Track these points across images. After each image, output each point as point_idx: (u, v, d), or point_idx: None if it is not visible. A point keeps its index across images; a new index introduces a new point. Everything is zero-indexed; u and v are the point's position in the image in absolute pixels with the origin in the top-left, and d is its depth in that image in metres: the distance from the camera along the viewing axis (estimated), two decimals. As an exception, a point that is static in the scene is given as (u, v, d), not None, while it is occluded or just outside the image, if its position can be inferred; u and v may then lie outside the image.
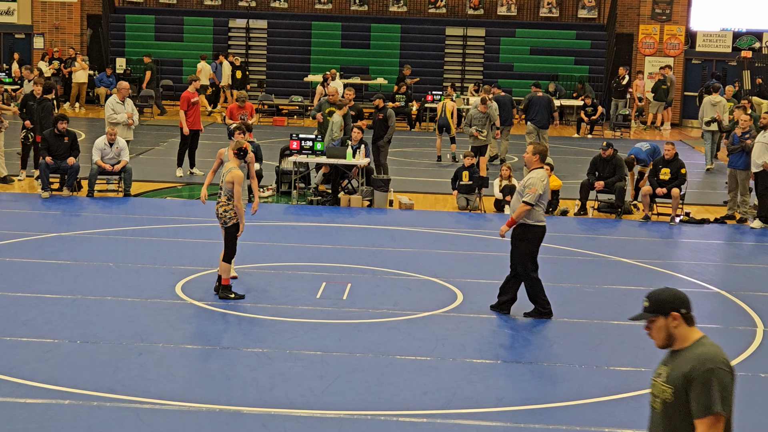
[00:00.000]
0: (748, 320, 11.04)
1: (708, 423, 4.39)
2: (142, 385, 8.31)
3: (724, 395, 4.41)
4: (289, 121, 29.26)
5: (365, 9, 34.15)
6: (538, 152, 10.60)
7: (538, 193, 10.37)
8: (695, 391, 4.42)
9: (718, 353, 4.50)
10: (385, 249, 13.84)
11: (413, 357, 9.29)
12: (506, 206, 16.93)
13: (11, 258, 12.52)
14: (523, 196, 10.40)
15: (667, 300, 4.61)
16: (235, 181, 10.84)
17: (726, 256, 14.84)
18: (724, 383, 4.42)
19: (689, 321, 4.61)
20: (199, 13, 34.03)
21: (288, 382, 8.49)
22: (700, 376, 4.42)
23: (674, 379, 4.51)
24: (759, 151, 16.12)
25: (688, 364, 4.48)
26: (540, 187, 10.38)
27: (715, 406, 4.38)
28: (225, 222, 10.94)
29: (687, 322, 4.60)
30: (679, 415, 4.50)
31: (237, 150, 11.04)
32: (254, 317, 10.42)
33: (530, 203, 10.37)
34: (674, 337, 4.61)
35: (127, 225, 14.74)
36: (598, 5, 33.88)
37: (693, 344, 4.57)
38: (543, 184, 10.42)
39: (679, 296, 4.62)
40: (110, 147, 16.87)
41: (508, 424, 7.81)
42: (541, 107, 21.18)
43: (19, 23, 34.10)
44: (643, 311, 4.65)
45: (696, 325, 4.64)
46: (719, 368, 4.43)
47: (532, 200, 10.37)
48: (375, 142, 18.52)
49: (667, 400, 4.53)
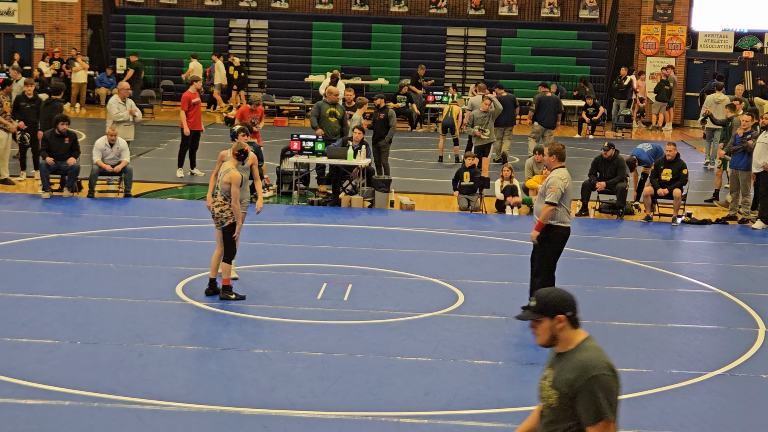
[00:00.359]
0: (750, 321, 11.02)
1: (599, 429, 4.45)
2: (142, 386, 8.30)
3: (611, 400, 4.48)
4: (289, 121, 29.26)
5: (366, 9, 34.14)
6: (554, 152, 10.57)
7: (561, 193, 10.33)
8: (582, 399, 4.47)
9: (600, 358, 4.54)
10: (386, 250, 13.82)
11: (414, 358, 9.27)
12: (507, 207, 16.93)
13: (12, 259, 12.51)
14: (546, 197, 10.38)
15: (554, 302, 4.61)
16: (233, 182, 10.82)
17: (727, 256, 14.82)
18: (609, 388, 4.48)
19: (574, 323, 4.63)
20: (200, 14, 34.04)
21: (289, 383, 8.48)
22: (585, 385, 4.46)
23: (559, 385, 4.55)
24: (760, 152, 16.10)
25: (572, 371, 4.51)
26: (561, 186, 10.32)
27: (605, 413, 4.45)
28: (222, 222, 10.92)
29: (572, 324, 4.63)
30: (565, 420, 4.55)
31: (238, 152, 11.02)
32: (255, 318, 10.41)
33: (553, 203, 10.35)
34: (558, 339, 4.64)
35: (128, 226, 14.73)
36: (600, 5, 33.87)
37: (576, 348, 4.60)
38: (564, 183, 10.37)
39: (567, 299, 4.64)
40: (110, 148, 16.86)
41: (509, 425, 7.80)
42: (550, 108, 21.69)
43: (19, 23, 34.10)
44: (530, 311, 4.64)
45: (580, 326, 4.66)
46: (603, 374, 4.48)
47: (555, 200, 10.34)
48: (376, 143, 18.51)
49: (553, 405, 4.57)
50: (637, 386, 8.77)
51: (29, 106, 18.03)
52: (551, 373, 4.64)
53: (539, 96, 22.28)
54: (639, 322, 10.78)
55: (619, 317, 10.92)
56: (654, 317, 10.97)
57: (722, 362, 9.53)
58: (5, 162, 17.83)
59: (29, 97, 18.07)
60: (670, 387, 8.82)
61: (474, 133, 19.47)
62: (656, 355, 9.77)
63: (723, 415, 8.28)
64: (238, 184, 10.90)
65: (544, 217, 10.34)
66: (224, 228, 10.92)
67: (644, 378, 9.02)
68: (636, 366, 9.38)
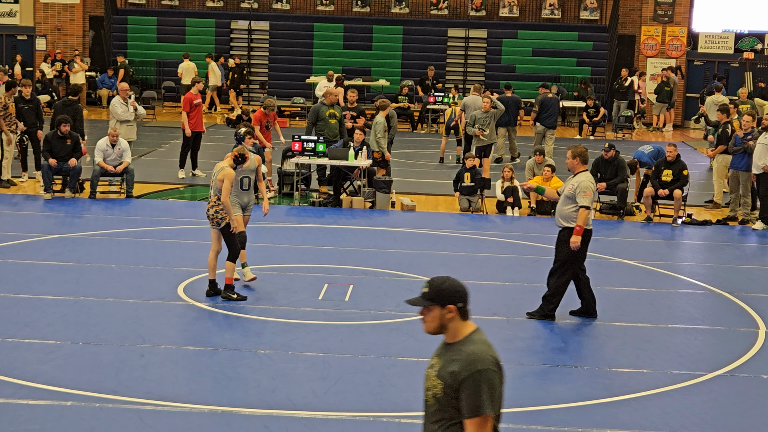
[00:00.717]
0: (750, 322, 11.03)
1: (476, 423, 4.47)
2: (144, 386, 8.31)
3: (493, 395, 4.50)
4: (291, 122, 29.27)
5: (367, 10, 34.16)
6: (577, 155, 10.63)
7: (593, 195, 10.44)
8: (465, 391, 4.48)
9: (486, 352, 4.57)
10: (387, 250, 13.84)
11: (415, 358, 9.28)
12: (508, 207, 16.94)
13: (13, 259, 12.53)
14: (580, 201, 10.40)
15: (447, 291, 4.62)
16: (226, 178, 10.82)
17: (728, 257, 14.83)
18: (492, 384, 4.51)
19: (464, 315, 4.65)
20: (201, 15, 34.07)
21: (290, 384, 8.49)
22: (469, 378, 4.48)
23: (444, 375, 4.57)
24: (760, 153, 16.11)
25: (457, 363, 4.53)
26: (593, 189, 10.44)
27: (484, 408, 4.46)
28: (218, 223, 10.92)
29: (462, 316, 4.65)
30: (449, 410, 4.57)
31: (237, 155, 11.04)
32: (256, 318, 10.42)
33: (588, 206, 10.40)
34: (447, 329, 4.66)
35: (129, 226, 14.75)
36: (600, 6, 33.88)
37: (464, 339, 4.62)
38: (593, 185, 10.48)
39: (459, 289, 4.65)
40: (112, 148, 16.89)
41: (509, 425, 7.80)
42: (552, 108, 22.22)
43: (21, 25, 34.13)
44: (422, 297, 4.66)
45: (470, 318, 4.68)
46: (487, 369, 4.51)
47: (589, 203, 10.42)
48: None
49: (437, 394, 4.60)
50: (638, 386, 8.78)
51: (27, 107, 18.05)
52: (438, 362, 4.65)
53: (541, 97, 22.61)
54: (639, 323, 10.79)
55: (619, 318, 10.94)
56: (654, 318, 10.99)
57: (722, 363, 9.54)
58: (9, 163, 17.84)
59: (27, 98, 18.09)
60: (670, 387, 8.84)
61: (474, 132, 19.47)
62: (657, 355, 9.78)
63: (723, 416, 8.30)
64: (231, 181, 10.89)
65: (583, 221, 10.41)
66: (221, 228, 10.93)
67: (645, 378, 9.04)
68: (636, 366, 9.39)
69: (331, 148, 17.11)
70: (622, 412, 8.28)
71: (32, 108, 18.12)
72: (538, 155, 17.50)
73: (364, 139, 17.35)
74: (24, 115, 17.96)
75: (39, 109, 18.36)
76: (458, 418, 4.53)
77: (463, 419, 4.50)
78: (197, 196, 17.56)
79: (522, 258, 13.72)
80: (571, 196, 10.48)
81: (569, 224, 10.49)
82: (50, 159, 16.52)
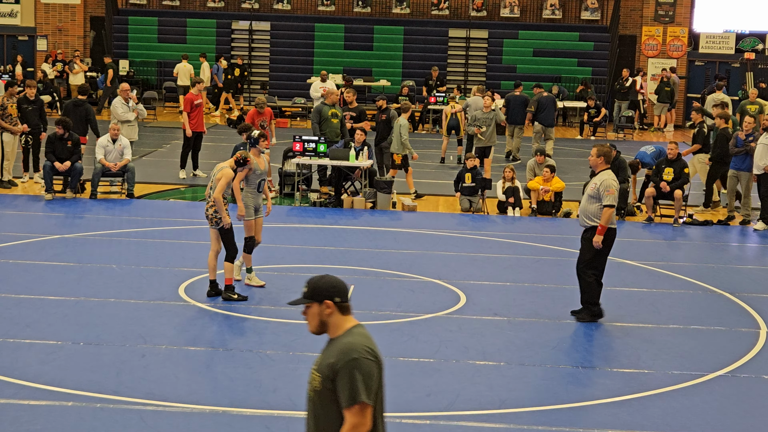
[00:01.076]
0: (751, 322, 11.03)
1: (353, 412, 4.52)
2: (145, 386, 8.32)
3: (368, 384, 4.54)
4: (291, 122, 29.28)
5: (368, 11, 34.17)
6: (602, 154, 10.64)
7: (617, 194, 10.45)
8: (341, 381, 4.52)
9: (363, 342, 4.61)
10: (388, 251, 13.84)
11: (416, 359, 9.29)
12: (509, 208, 16.94)
13: (15, 260, 12.53)
14: (604, 200, 10.41)
15: (323, 288, 4.68)
16: (224, 177, 10.83)
17: (729, 257, 14.83)
18: (367, 372, 4.55)
19: (343, 310, 4.69)
20: (202, 15, 34.09)
21: (291, 384, 8.49)
22: (344, 367, 4.52)
23: (323, 368, 4.61)
24: (762, 153, 16.10)
25: (335, 355, 4.58)
26: (616, 187, 10.46)
27: (360, 396, 4.51)
28: (216, 222, 10.92)
29: (341, 311, 4.69)
30: (327, 403, 4.60)
31: (238, 158, 11.04)
32: (257, 319, 10.42)
33: (613, 205, 10.42)
34: (327, 325, 4.70)
35: (130, 227, 14.76)
36: (601, 7, 33.89)
37: (344, 333, 4.66)
38: (616, 184, 10.52)
39: (336, 285, 4.70)
40: (113, 144, 16.92)
41: (511, 426, 7.81)
42: (549, 107, 22.64)
43: (22, 25, 34.15)
44: (302, 296, 4.71)
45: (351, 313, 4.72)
46: (363, 358, 4.55)
47: (614, 202, 10.45)
48: (378, 144, 18.53)
49: (317, 388, 4.63)
50: (639, 387, 8.78)
51: (31, 108, 18.06)
52: (320, 357, 4.69)
53: (537, 97, 22.94)
54: (640, 323, 10.79)
55: (620, 318, 10.93)
56: (655, 318, 10.98)
57: (724, 363, 9.54)
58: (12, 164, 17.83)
59: (31, 99, 18.09)
60: (671, 388, 8.84)
61: (473, 131, 19.46)
62: (658, 355, 9.78)
63: (724, 416, 8.29)
64: (228, 180, 10.89)
65: (607, 220, 10.42)
66: (220, 228, 10.93)
67: (646, 378, 9.04)
68: (637, 367, 9.39)
69: (332, 149, 17.12)
70: (623, 412, 8.28)
71: (36, 109, 18.13)
72: (539, 155, 17.50)
73: (365, 139, 17.36)
74: (27, 116, 17.96)
75: (42, 110, 18.38)
76: (337, 411, 4.57)
77: (342, 409, 4.54)
78: (198, 197, 17.56)
79: (523, 258, 13.72)
80: (595, 195, 10.49)
81: (593, 223, 10.49)
82: (56, 163, 16.51)
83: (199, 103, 19.04)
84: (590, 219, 10.54)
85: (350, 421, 4.51)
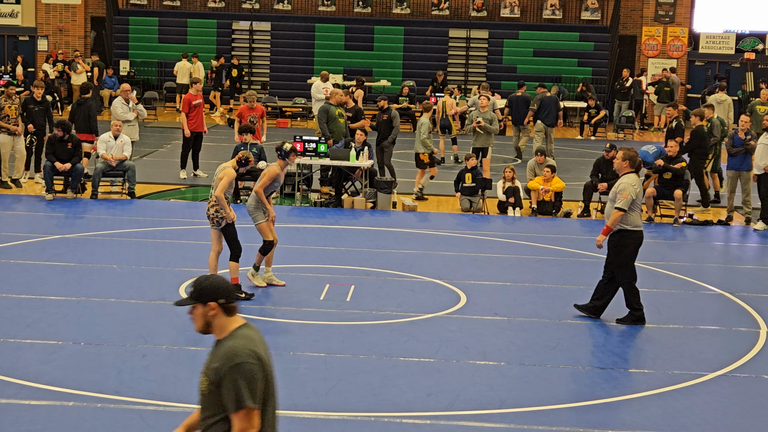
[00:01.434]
0: (751, 322, 11.04)
1: (240, 417, 4.53)
2: (145, 386, 8.32)
3: (252, 388, 4.55)
4: (292, 123, 29.29)
5: (368, 11, 34.19)
6: (628, 158, 10.63)
7: (631, 198, 10.41)
8: (226, 387, 4.54)
9: (246, 346, 4.62)
10: (389, 251, 13.85)
11: (417, 359, 9.30)
12: (509, 208, 16.95)
13: (15, 260, 12.54)
14: (616, 202, 10.41)
15: (208, 289, 4.71)
16: (226, 176, 10.84)
17: (729, 257, 14.84)
18: (251, 376, 4.56)
19: (228, 311, 4.73)
20: (203, 15, 34.10)
21: (292, 384, 8.50)
22: (228, 372, 4.54)
23: (209, 372, 4.63)
24: (762, 154, 16.10)
25: (219, 359, 4.60)
26: (632, 192, 10.41)
27: (245, 401, 4.52)
28: (218, 222, 10.93)
29: (226, 312, 4.72)
30: (216, 408, 4.62)
31: (240, 158, 11.05)
32: (257, 319, 10.43)
33: (623, 209, 10.40)
34: (212, 326, 4.72)
35: (131, 227, 14.77)
36: (602, 7, 33.90)
37: (229, 335, 4.69)
38: (635, 188, 10.46)
39: (221, 287, 4.73)
40: (114, 140, 16.99)
41: (511, 425, 7.82)
42: (551, 107, 22.72)
43: (23, 25, 34.17)
44: (188, 297, 4.74)
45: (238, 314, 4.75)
46: (246, 362, 4.56)
47: (625, 206, 10.40)
48: (379, 144, 18.55)
49: (204, 392, 4.65)
50: (639, 387, 8.79)
51: (38, 108, 18.06)
52: (207, 360, 4.71)
53: (539, 96, 22.99)
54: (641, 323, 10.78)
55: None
56: (655, 318, 10.99)
57: (724, 363, 9.55)
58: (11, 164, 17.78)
59: (38, 99, 18.11)
60: (671, 388, 8.84)
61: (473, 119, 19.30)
62: (658, 355, 9.79)
63: (724, 416, 8.30)
64: (230, 180, 10.90)
65: (613, 222, 10.42)
66: (222, 228, 10.94)
67: (646, 378, 9.05)
68: (638, 367, 9.40)
69: (332, 149, 17.14)
70: (623, 412, 8.29)
71: (42, 110, 18.14)
72: (540, 155, 17.50)
73: (365, 139, 17.37)
74: (34, 117, 17.97)
75: (49, 110, 18.43)
76: (224, 414, 4.59)
77: (230, 414, 4.56)
78: (199, 197, 17.57)
79: (523, 258, 13.73)
80: (614, 198, 10.49)
81: (618, 227, 10.48)
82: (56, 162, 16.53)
83: (197, 103, 19.01)
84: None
85: (237, 425, 4.54)
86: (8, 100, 17.46)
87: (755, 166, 16.27)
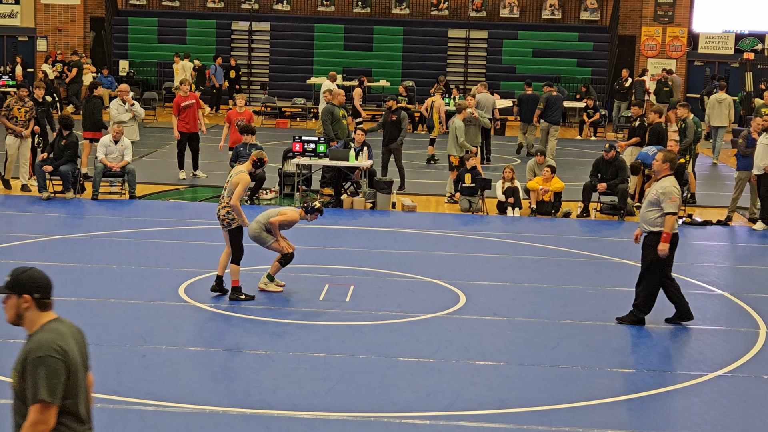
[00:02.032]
0: (751, 322, 11.04)
1: (36, 410, 4.52)
2: (145, 387, 8.32)
3: (53, 383, 4.54)
4: (291, 123, 29.29)
5: (368, 11, 34.20)
6: (668, 160, 10.62)
7: (680, 201, 10.43)
8: (28, 379, 4.55)
9: (53, 340, 4.63)
10: (388, 251, 13.85)
11: (416, 359, 9.30)
12: (509, 208, 16.95)
13: (15, 260, 12.53)
14: (666, 207, 10.37)
15: (24, 281, 4.71)
16: (241, 182, 10.86)
17: (729, 257, 14.84)
18: (53, 371, 4.55)
19: (42, 306, 4.75)
20: (202, 16, 34.11)
21: (291, 384, 8.50)
22: (30, 364, 4.56)
23: (17, 366, 4.64)
24: (762, 154, 16.10)
25: (26, 352, 4.62)
26: (678, 195, 10.44)
27: (40, 394, 4.51)
28: (228, 224, 10.94)
29: (39, 307, 4.74)
30: (22, 401, 4.62)
31: (255, 159, 11.12)
32: (257, 319, 10.43)
33: (675, 212, 10.41)
34: (24, 319, 4.74)
35: (131, 227, 14.77)
36: (601, 7, 33.90)
37: (38, 330, 4.70)
38: (678, 190, 10.50)
39: (38, 280, 4.75)
40: (115, 145, 16.94)
41: (511, 426, 7.82)
42: (557, 106, 22.99)
43: (22, 26, 34.17)
44: (4, 285, 4.73)
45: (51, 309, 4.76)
46: (48, 356, 4.56)
47: (676, 209, 10.42)
48: (387, 145, 18.54)
49: (14, 386, 4.65)
50: (639, 387, 8.79)
51: (39, 109, 18.03)
52: (19, 355, 4.71)
53: (546, 95, 23.01)
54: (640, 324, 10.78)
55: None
56: (655, 318, 10.98)
57: (724, 363, 9.55)
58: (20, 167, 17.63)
59: (39, 100, 18.08)
60: (671, 388, 8.85)
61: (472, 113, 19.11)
62: (658, 355, 9.79)
63: (724, 416, 8.30)
64: (245, 186, 10.95)
65: (670, 227, 10.41)
66: (230, 230, 10.94)
67: (646, 379, 9.05)
68: (637, 366, 9.40)
69: (331, 149, 17.14)
70: (622, 412, 8.29)
71: (44, 111, 18.12)
72: (539, 155, 17.51)
73: (365, 139, 17.37)
74: (36, 118, 17.92)
75: (49, 111, 18.41)
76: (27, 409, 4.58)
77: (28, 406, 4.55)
78: (198, 197, 17.57)
79: (522, 258, 13.73)
80: (655, 202, 10.47)
81: (653, 229, 10.48)
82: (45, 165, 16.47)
83: (188, 104, 18.80)
84: (650, 225, 10.50)
85: (31, 417, 4.53)
86: (18, 102, 17.32)
87: (755, 166, 16.27)
